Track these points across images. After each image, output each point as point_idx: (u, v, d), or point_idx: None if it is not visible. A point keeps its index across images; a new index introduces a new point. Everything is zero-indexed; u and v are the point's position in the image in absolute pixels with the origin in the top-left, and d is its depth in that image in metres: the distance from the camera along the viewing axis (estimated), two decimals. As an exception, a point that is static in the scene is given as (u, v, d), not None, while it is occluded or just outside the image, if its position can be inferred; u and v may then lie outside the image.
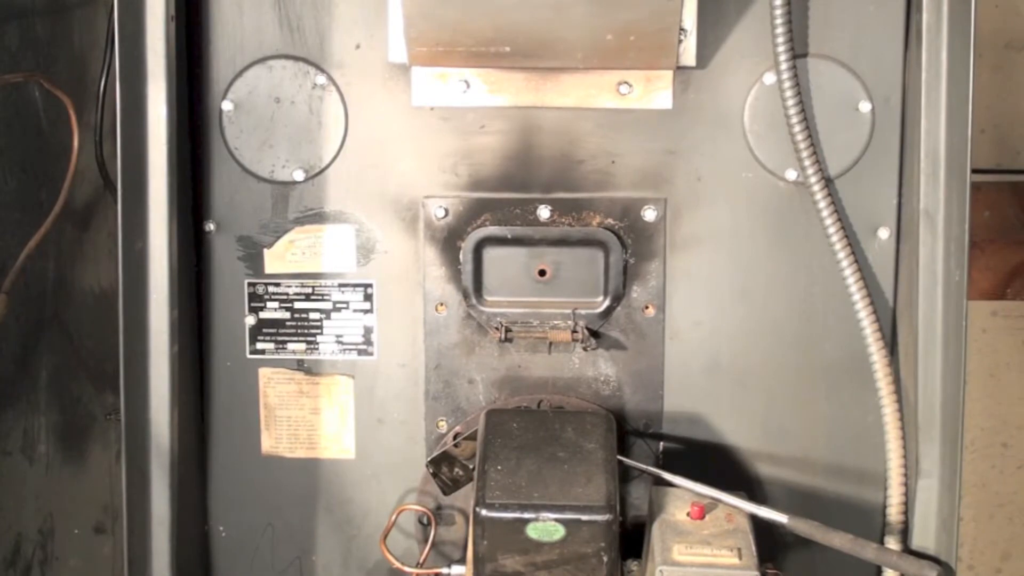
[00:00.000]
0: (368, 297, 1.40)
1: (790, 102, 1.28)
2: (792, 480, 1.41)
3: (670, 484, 1.27)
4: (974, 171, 1.26)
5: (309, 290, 1.40)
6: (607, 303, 1.38)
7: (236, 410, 1.43)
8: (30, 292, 1.40)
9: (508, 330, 1.37)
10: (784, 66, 1.27)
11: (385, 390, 1.42)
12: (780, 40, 1.27)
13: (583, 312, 1.37)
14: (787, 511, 1.27)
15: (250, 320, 1.40)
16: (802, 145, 1.30)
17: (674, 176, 1.36)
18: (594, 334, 1.38)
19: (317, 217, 1.38)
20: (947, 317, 1.28)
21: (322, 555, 1.46)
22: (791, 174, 1.35)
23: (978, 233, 2.13)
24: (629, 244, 1.37)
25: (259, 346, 1.41)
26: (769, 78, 1.33)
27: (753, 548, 1.19)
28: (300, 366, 1.42)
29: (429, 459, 1.37)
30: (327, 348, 1.41)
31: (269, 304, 1.40)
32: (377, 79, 1.35)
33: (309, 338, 1.41)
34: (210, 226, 1.39)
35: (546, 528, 1.17)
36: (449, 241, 1.37)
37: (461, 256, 1.37)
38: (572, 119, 1.35)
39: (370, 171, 1.37)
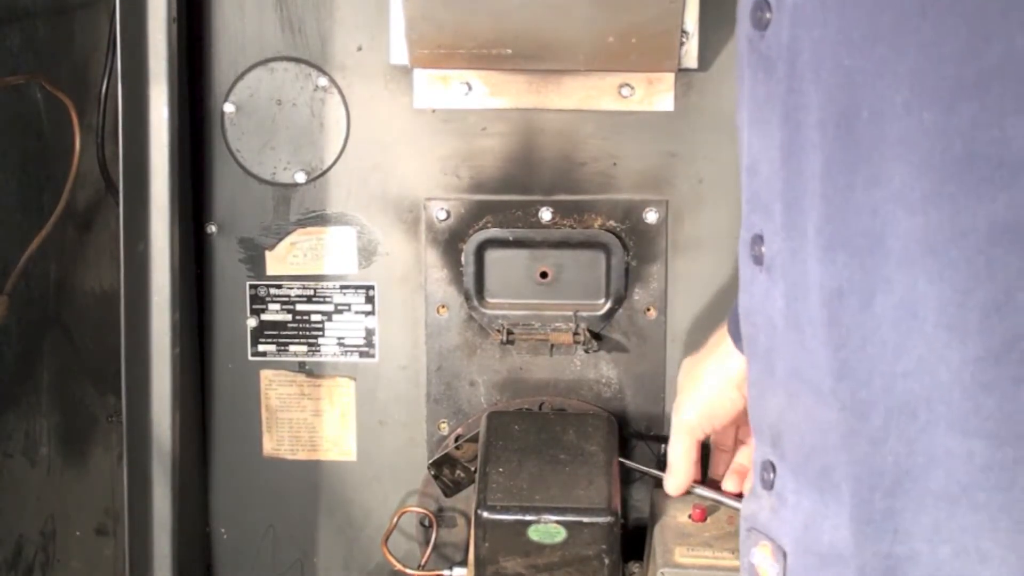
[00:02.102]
0: (370, 299, 1.40)
1: (792, 104, 1.28)
2: (794, 482, 1.41)
3: None
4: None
5: (311, 292, 1.40)
6: (609, 305, 1.37)
7: (238, 412, 1.43)
8: (31, 294, 1.40)
9: (509, 332, 1.37)
10: (786, 68, 1.27)
11: (386, 392, 1.42)
12: (782, 42, 1.26)
13: (584, 314, 1.37)
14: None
15: (251, 322, 1.40)
16: (804, 147, 1.30)
17: (676, 178, 1.36)
18: (596, 336, 1.38)
19: (319, 219, 1.38)
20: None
21: (323, 557, 1.46)
22: (793, 176, 1.34)
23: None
24: (631, 246, 1.37)
25: (260, 348, 1.41)
26: (771, 80, 1.32)
27: (755, 550, 1.19)
28: (301, 368, 1.42)
29: (431, 461, 1.37)
30: (328, 350, 1.41)
31: (271, 306, 1.40)
32: (379, 81, 1.35)
33: (311, 340, 1.41)
34: (212, 228, 1.39)
35: (547, 530, 1.17)
36: (451, 243, 1.37)
37: (463, 258, 1.37)
38: (573, 121, 1.35)
39: (372, 173, 1.37)
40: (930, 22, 0.60)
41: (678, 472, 1.16)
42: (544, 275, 1.38)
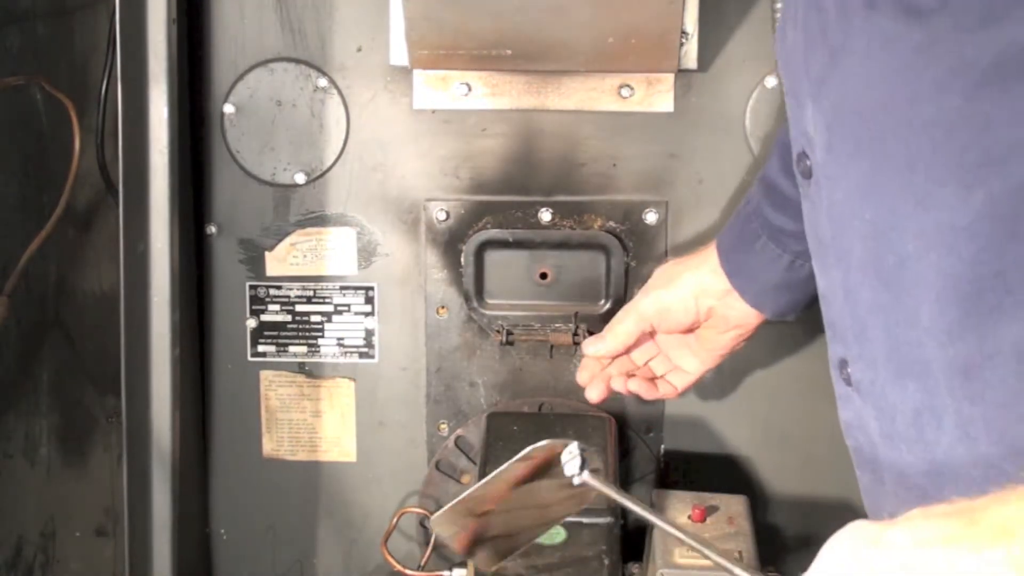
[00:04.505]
0: (369, 300, 1.40)
1: (791, 105, 1.29)
2: (794, 484, 1.41)
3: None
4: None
5: (310, 293, 1.40)
6: (608, 306, 1.37)
7: (237, 413, 1.43)
8: (31, 295, 1.40)
9: (509, 333, 1.36)
10: (785, 69, 1.27)
11: (386, 393, 1.42)
12: (781, 43, 1.27)
13: (584, 315, 1.37)
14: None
15: (251, 323, 1.40)
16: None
17: (675, 179, 1.36)
18: (595, 337, 1.38)
19: (318, 220, 1.38)
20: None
21: (323, 558, 1.46)
22: (792, 177, 1.34)
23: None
24: (630, 247, 1.37)
25: (260, 349, 1.41)
26: (771, 81, 1.33)
27: (754, 551, 1.19)
28: (301, 369, 1.42)
29: None
30: (328, 351, 1.41)
31: (270, 307, 1.40)
32: (379, 82, 1.35)
33: (310, 341, 1.41)
34: (212, 229, 1.39)
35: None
36: (450, 244, 1.37)
37: (462, 259, 1.37)
38: (573, 122, 1.35)
39: (371, 174, 1.37)
40: (920, 176, 0.67)
41: (608, 339, 1.20)
42: (544, 276, 1.38)
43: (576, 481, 0.92)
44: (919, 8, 0.66)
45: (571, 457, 0.94)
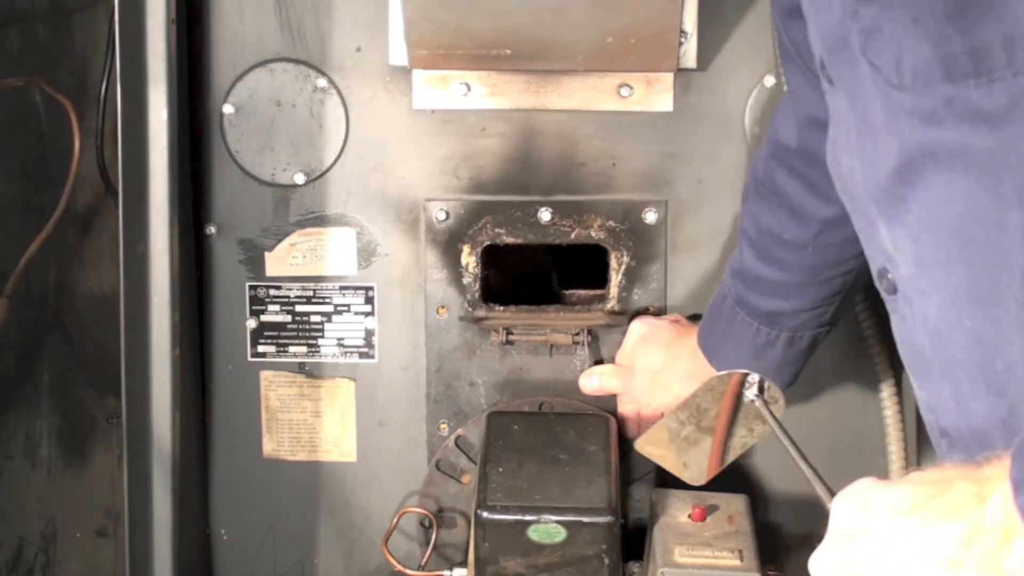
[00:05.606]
0: (369, 300, 1.40)
1: (791, 104, 1.29)
2: (794, 483, 1.41)
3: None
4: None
5: (310, 293, 1.40)
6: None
7: (237, 413, 1.43)
8: (31, 296, 1.40)
9: (509, 333, 1.36)
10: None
11: (386, 393, 1.42)
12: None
13: (584, 315, 1.37)
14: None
15: (251, 323, 1.40)
16: (803, 147, 1.30)
17: (675, 178, 1.36)
18: (595, 337, 1.38)
19: (318, 220, 1.38)
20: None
21: (324, 558, 1.46)
22: (792, 176, 1.34)
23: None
24: (630, 246, 1.36)
25: (260, 349, 1.41)
26: (770, 80, 1.33)
27: (755, 550, 1.19)
28: (301, 369, 1.42)
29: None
30: (328, 351, 1.41)
31: (270, 307, 1.40)
32: (378, 82, 1.35)
33: (310, 341, 1.41)
34: (211, 229, 1.39)
35: (547, 530, 1.17)
36: (450, 244, 1.37)
37: (462, 259, 1.37)
38: (573, 122, 1.35)
39: (371, 174, 1.37)
40: (1018, 279, 0.67)
41: (599, 386, 1.36)
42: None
43: (755, 403, 1.09)
44: (987, 114, 0.66)
45: (751, 385, 1.11)
